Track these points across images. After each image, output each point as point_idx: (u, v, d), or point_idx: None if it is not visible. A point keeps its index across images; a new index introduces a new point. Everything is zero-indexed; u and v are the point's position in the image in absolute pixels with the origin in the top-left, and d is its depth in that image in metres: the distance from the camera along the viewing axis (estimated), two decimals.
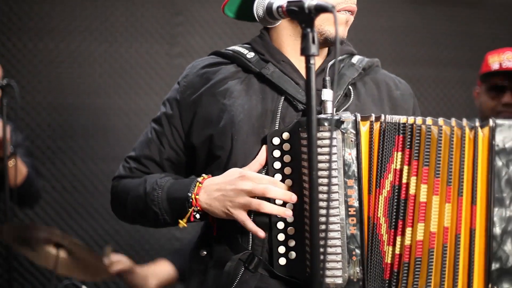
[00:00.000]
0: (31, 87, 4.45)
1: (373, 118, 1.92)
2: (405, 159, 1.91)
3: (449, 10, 5.36)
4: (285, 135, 1.97)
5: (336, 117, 1.92)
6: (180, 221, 2.02)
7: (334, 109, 2.00)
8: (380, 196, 1.92)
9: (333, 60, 2.10)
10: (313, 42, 1.69)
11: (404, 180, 1.91)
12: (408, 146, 1.90)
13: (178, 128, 2.13)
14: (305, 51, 1.69)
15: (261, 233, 1.94)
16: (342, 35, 2.06)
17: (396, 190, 1.92)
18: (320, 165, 1.90)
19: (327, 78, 2.01)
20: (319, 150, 1.90)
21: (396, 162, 1.92)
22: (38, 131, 4.46)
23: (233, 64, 2.13)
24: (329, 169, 1.87)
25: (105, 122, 4.59)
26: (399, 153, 1.91)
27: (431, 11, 5.32)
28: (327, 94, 1.98)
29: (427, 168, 1.89)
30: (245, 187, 1.92)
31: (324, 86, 1.99)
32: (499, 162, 1.87)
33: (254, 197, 1.93)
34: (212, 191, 1.97)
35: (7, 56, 4.41)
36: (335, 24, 1.69)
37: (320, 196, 1.89)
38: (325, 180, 1.89)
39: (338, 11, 2.02)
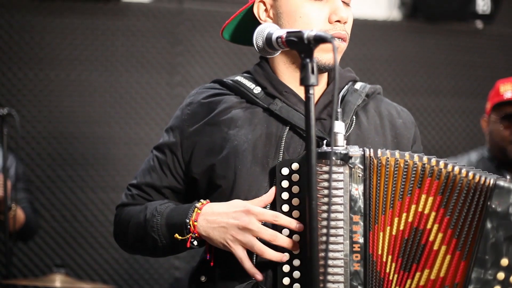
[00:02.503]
0: (32, 117, 4.46)
1: (379, 152, 1.91)
2: (435, 205, 1.89)
3: (448, 39, 5.39)
4: (295, 165, 1.94)
5: (344, 152, 1.90)
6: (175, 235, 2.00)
7: (345, 141, 1.97)
8: (382, 233, 1.91)
9: (339, 89, 2.10)
10: (313, 72, 1.69)
11: (428, 226, 1.89)
12: (441, 193, 1.89)
13: (179, 157, 2.12)
14: (304, 81, 1.70)
15: (259, 276, 1.92)
16: (333, 61, 2.05)
17: (419, 234, 1.90)
18: (326, 199, 1.88)
19: (339, 110, 2.00)
20: (325, 184, 1.88)
21: (424, 206, 1.90)
22: (38, 160, 4.46)
23: (238, 95, 2.13)
24: (329, 203, 1.86)
25: (105, 151, 4.59)
26: (430, 198, 1.89)
27: (430, 41, 5.35)
28: (338, 126, 1.96)
29: (448, 218, 1.89)
30: (251, 227, 1.90)
31: (336, 118, 1.98)
32: (489, 224, 1.85)
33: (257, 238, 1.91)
34: (212, 220, 1.95)
35: (7, 85, 4.42)
36: (334, 54, 1.69)
37: (324, 231, 1.87)
38: (330, 215, 1.88)
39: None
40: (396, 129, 2.14)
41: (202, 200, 2.01)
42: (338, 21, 2.02)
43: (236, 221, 1.92)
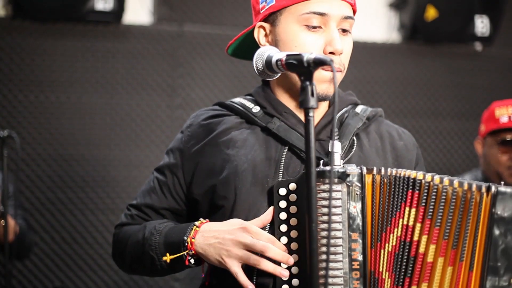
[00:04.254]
0: (32, 139, 4.46)
1: (375, 170, 1.92)
2: (419, 217, 1.89)
3: (447, 62, 5.40)
4: (292, 186, 1.96)
5: (341, 170, 1.91)
6: (166, 255, 2.00)
7: (342, 161, 1.98)
8: (383, 251, 1.91)
9: (339, 111, 2.11)
10: (312, 95, 1.70)
11: (415, 238, 1.89)
12: (423, 204, 1.88)
13: (180, 178, 2.13)
14: (304, 104, 1.70)
15: None
16: (326, 92, 2.05)
17: (407, 247, 1.89)
18: (325, 218, 1.89)
19: (336, 130, 2.02)
20: (323, 202, 1.89)
21: (408, 218, 1.89)
22: (38, 183, 4.46)
23: (237, 115, 2.14)
24: (329, 221, 1.87)
25: (105, 174, 4.59)
26: (413, 209, 1.89)
27: (430, 63, 5.37)
28: (335, 146, 1.98)
29: (438, 229, 1.87)
30: (244, 240, 1.91)
31: (332, 138, 2.00)
32: (496, 231, 1.84)
33: (252, 252, 1.92)
34: (209, 237, 1.96)
35: (8, 107, 4.43)
36: (333, 77, 1.70)
37: (323, 249, 1.88)
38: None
39: (322, 69, 2.01)
40: (397, 151, 2.15)
41: (201, 219, 2.02)
42: (333, 52, 2.02)
43: (231, 235, 1.92)
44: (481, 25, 5.28)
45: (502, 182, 1.92)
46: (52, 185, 4.49)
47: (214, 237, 1.95)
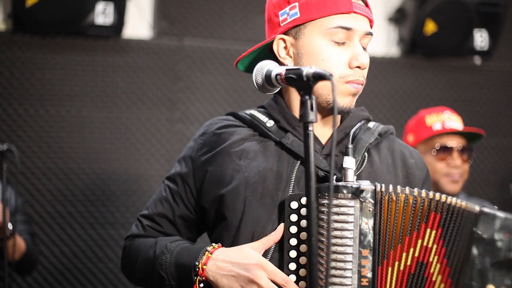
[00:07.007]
0: (32, 152, 4.46)
1: (391, 188, 1.92)
2: (437, 238, 1.91)
3: (447, 76, 5.41)
4: (304, 200, 1.96)
5: (355, 186, 1.91)
6: None
7: (355, 177, 1.99)
8: (391, 268, 1.91)
9: (351, 127, 2.11)
10: (311, 109, 1.70)
11: (430, 259, 1.91)
12: (441, 225, 1.91)
13: (191, 186, 2.13)
14: (303, 118, 1.71)
15: None
16: (350, 105, 2.07)
17: (423, 268, 1.91)
18: (336, 233, 1.89)
19: (350, 146, 2.02)
20: (335, 217, 1.89)
21: (428, 240, 1.91)
22: (38, 196, 4.46)
23: (251, 128, 2.14)
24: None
25: (105, 188, 4.59)
26: (433, 231, 1.91)
27: (429, 77, 5.37)
28: (349, 162, 1.97)
29: (444, 249, 1.91)
30: (260, 282, 1.91)
31: (346, 154, 2.00)
32: (475, 251, 1.87)
33: None
34: (223, 267, 1.96)
35: (8, 121, 4.43)
36: (333, 91, 1.68)
37: (333, 264, 1.88)
38: (339, 248, 1.88)
39: (347, 83, 2.03)
40: (408, 168, 2.15)
41: (213, 244, 2.03)
42: (358, 67, 2.04)
43: (247, 273, 1.92)
44: (480, 39, 5.29)
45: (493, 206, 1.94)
46: (52, 199, 4.49)
47: (228, 269, 1.95)
